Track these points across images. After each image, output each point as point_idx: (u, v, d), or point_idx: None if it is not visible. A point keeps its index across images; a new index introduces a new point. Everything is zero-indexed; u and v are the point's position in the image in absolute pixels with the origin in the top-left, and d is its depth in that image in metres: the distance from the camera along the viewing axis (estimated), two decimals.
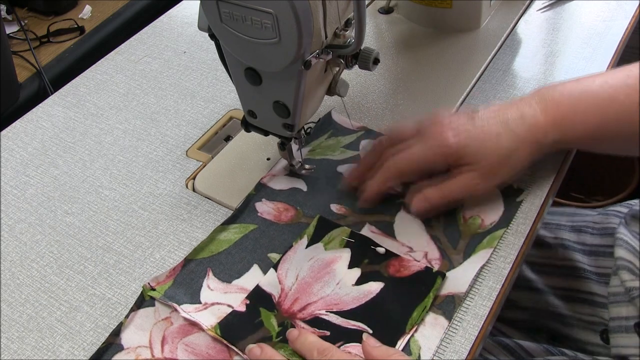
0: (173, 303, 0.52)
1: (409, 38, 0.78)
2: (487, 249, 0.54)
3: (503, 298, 0.52)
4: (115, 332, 0.52)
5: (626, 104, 0.54)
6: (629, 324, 0.62)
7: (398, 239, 0.56)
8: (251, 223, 0.59)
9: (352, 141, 0.65)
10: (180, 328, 0.51)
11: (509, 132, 0.55)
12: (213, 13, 0.47)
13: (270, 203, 0.60)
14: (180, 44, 0.82)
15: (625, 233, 0.65)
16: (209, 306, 0.52)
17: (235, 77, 0.54)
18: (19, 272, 0.58)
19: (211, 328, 0.50)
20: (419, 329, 0.50)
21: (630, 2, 0.78)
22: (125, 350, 0.50)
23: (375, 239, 0.56)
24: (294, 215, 0.59)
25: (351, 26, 0.50)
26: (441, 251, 0.55)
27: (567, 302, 0.74)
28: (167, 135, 0.69)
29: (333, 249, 0.55)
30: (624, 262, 0.63)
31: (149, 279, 0.54)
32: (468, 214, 0.57)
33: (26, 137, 0.71)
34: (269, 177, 0.62)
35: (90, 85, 0.77)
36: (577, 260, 0.74)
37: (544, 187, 0.59)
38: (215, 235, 0.58)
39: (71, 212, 0.62)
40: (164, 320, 0.52)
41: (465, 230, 0.56)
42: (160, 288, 0.54)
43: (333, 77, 0.55)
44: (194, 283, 0.54)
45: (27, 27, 1.18)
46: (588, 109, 0.55)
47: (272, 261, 0.55)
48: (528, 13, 0.80)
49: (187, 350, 0.50)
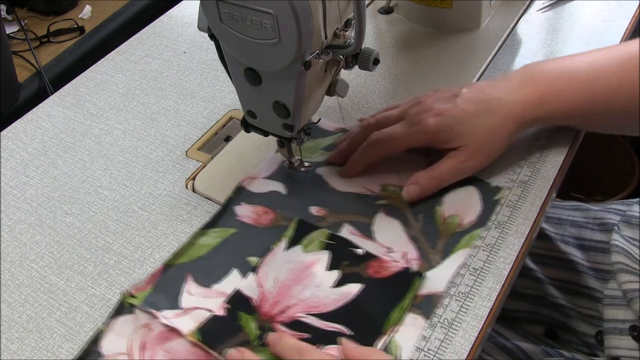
0: (152, 310, 0.52)
1: (409, 38, 0.78)
2: (465, 248, 0.55)
3: (503, 298, 0.52)
4: (94, 340, 0.51)
5: (602, 84, 0.57)
6: (625, 326, 0.63)
7: (377, 240, 0.56)
8: (231, 227, 0.58)
9: (331, 143, 0.66)
10: (159, 334, 0.51)
11: (488, 112, 0.57)
12: (213, 13, 0.47)
13: (250, 206, 0.60)
14: (180, 44, 0.82)
15: (619, 239, 0.66)
16: (189, 311, 0.52)
17: (235, 78, 0.54)
18: (18, 272, 0.57)
19: (191, 333, 0.50)
20: (399, 329, 0.50)
21: (630, 2, 0.78)
22: (105, 357, 0.50)
23: (355, 240, 0.56)
24: (274, 218, 0.59)
25: (351, 26, 0.50)
26: (420, 251, 0.55)
27: (566, 294, 0.74)
28: (167, 136, 0.69)
29: (312, 251, 0.55)
30: (621, 266, 0.64)
31: (128, 286, 0.54)
32: (447, 213, 0.58)
33: (26, 137, 0.71)
34: (248, 181, 0.62)
35: (90, 86, 0.77)
36: (575, 255, 0.74)
37: (544, 187, 0.59)
38: (194, 240, 0.57)
39: (71, 212, 0.62)
40: (143, 326, 0.52)
41: (444, 230, 0.56)
42: (140, 295, 0.54)
43: (333, 78, 0.55)
44: (174, 288, 0.54)
45: (27, 27, 1.18)
46: (566, 87, 0.57)
47: (251, 265, 0.55)
48: (528, 13, 0.80)
49: (167, 356, 0.49)
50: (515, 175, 0.60)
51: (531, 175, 0.60)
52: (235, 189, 0.61)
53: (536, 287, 0.76)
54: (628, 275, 0.63)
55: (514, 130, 0.58)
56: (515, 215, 0.57)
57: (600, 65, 0.57)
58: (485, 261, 0.54)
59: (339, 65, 0.53)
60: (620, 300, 0.64)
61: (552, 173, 0.60)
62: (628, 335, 0.62)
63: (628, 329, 0.62)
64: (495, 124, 0.57)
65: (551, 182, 0.59)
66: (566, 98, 0.57)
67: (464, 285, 0.52)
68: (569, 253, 0.74)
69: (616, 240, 0.66)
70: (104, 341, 0.51)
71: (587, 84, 0.57)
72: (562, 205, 0.80)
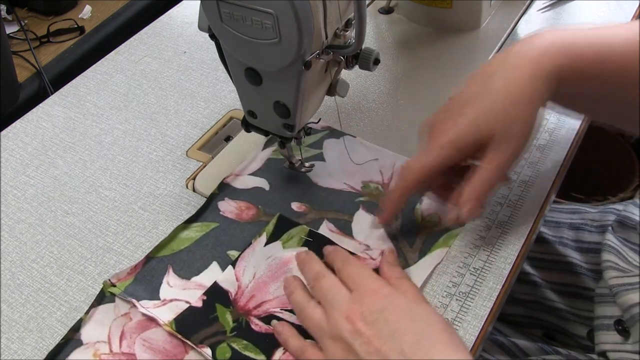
0: (132, 299, 0.53)
1: (409, 38, 0.78)
2: (442, 248, 0.55)
3: (503, 298, 0.52)
4: (75, 327, 0.52)
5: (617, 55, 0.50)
6: (611, 322, 0.63)
7: (355, 238, 0.57)
8: (213, 221, 0.59)
9: (316, 140, 0.66)
10: (138, 324, 0.52)
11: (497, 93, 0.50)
12: (213, 13, 0.47)
13: (233, 202, 0.61)
14: (180, 44, 0.82)
15: (612, 239, 0.66)
16: (167, 302, 0.53)
17: (236, 78, 0.54)
18: (19, 272, 0.57)
19: (167, 323, 0.51)
20: None
21: (630, 2, 0.78)
22: (85, 345, 0.51)
23: (333, 237, 0.57)
24: (255, 213, 0.60)
25: (351, 26, 0.50)
26: (398, 249, 0.55)
27: (564, 296, 0.74)
28: (167, 136, 0.69)
29: (291, 247, 0.56)
30: (610, 264, 0.64)
31: (109, 276, 0.55)
32: (427, 212, 0.58)
33: (26, 137, 0.71)
34: (232, 177, 0.63)
35: (90, 85, 0.77)
36: (573, 257, 0.74)
37: (544, 187, 0.59)
38: (176, 233, 0.58)
39: (71, 212, 0.62)
40: (123, 316, 0.53)
41: (423, 229, 0.57)
42: (121, 284, 0.55)
43: (333, 77, 0.55)
44: (154, 280, 0.55)
45: (27, 27, 1.18)
46: (592, 54, 0.50)
47: (231, 259, 0.56)
48: (528, 13, 0.80)
49: (145, 345, 0.51)
50: (515, 175, 0.60)
51: (531, 175, 0.60)
52: (219, 185, 0.62)
53: (533, 291, 0.76)
54: (615, 271, 0.63)
55: (540, 99, 0.50)
56: (515, 215, 0.57)
57: (619, 37, 0.50)
58: (485, 261, 0.54)
59: (339, 65, 0.53)
60: (609, 297, 0.64)
61: (552, 173, 0.60)
62: (613, 330, 0.62)
63: (613, 323, 0.62)
64: (505, 101, 0.49)
65: (551, 182, 0.60)
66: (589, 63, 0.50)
67: (465, 285, 0.52)
68: (567, 255, 0.74)
69: (609, 240, 0.66)
70: (84, 329, 0.52)
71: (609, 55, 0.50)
72: (559, 209, 0.80)
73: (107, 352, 0.50)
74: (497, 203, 0.58)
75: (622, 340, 0.61)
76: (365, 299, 0.46)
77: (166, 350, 0.50)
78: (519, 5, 0.80)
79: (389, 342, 0.43)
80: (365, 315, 0.45)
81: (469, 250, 0.55)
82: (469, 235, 0.56)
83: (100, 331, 0.52)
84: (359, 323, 0.45)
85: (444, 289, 0.52)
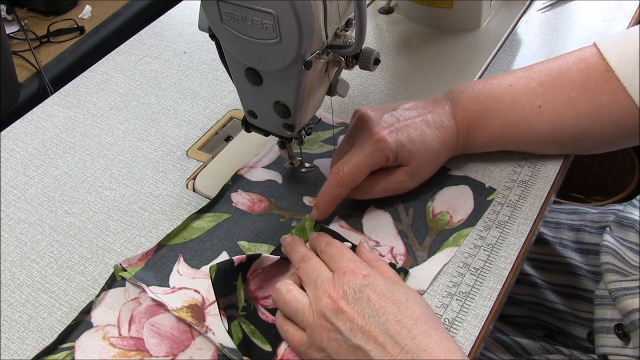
0: (142, 284, 0.54)
1: (409, 38, 0.78)
2: (452, 247, 0.55)
3: (504, 298, 0.52)
4: (85, 310, 0.53)
5: (526, 108, 0.56)
6: (611, 325, 0.63)
7: (365, 233, 0.57)
8: (225, 212, 0.60)
9: (331, 136, 0.67)
10: (147, 308, 0.53)
11: (433, 135, 0.56)
12: (213, 13, 0.47)
13: (246, 194, 0.61)
14: (180, 44, 0.82)
15: (610, 240, 0.66)
16: (176, 290, 0.54)
17: (236, 77, 0.54)
18: (19, 272, 0.57)
19: (211, 268, 0.50)
20: None
21: (630, 2, 0.78)
22: (94, 328, 0.52)
23: (343, 233, 0.57)
24: (267, 206, 0.60)
25: (352, 26, 0.50)
26: (407, 247, 0.56)
27: (564, 298, 0.74)
28: (168, 136, 0.69)
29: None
30: (608, 266, 0.64)
31: (120, 260, 0.56)
32: (437, 210, 0.58)
33: (26, 137, 0.71)
34: (246, 169, 0.64)
35: (90, 85, 0.77)
36: (573, 258, 0.74)
37: (545, 187, 0.59)
38: (189, 223, 0.59)
39: (71, 212, 0.62)
40: (133, 300, 0.54)
41: (433, 226, 0.57)
42: (132, 269, 0.55)
43: (333, 78, 0.55)
44: (165, 267, 0.56)
45: (27, 27, 1.18)
46: (492, 114, 0.57)
47: (241, 249, 0.57)
48: (528, 13, 0.80)
49: (153, 330, 0.51)
50: (515, 175, 0.60)
51: (531, 175, 0.60)
52: (233, 177, 0.63)
53: (533, 293, 0.76)
54: (614, 275, 0.63)
55: (450, 154, 0.58)
56: (515, 215, 0.57)
57: (522, 87, 0.57)
58: (485, 261, 0.54)
59: (339, 65, 0.53)
60: (609, 300, 0.64)
61: (552, 173, 0.60)
62: (613, 333, 0.62)
63: (613, 327, 0.63)
64: (440, 149, 0.56)
65: (551, 182, 0.60)
66: (491, 125, 0.57)
67: (465, 285, 0.53)
68: (568, 257, 0.74)
69: (607, 241, 0.66)
70: (95, 312, 0.53)
71: (510, 107, 0.56)
72: (559, 209, 0.80)
73: (116, 335, 0.51)
74: (497, 203, 0.58)
75: (623, 344, 0.61)
76: (345, 278, 0.47)
77: (173, 336, 0.51)
78: (519, 5, 0.80)
79: (372, 320, 0.45)
80: (347, 294, 0.46)
81: (469, 250, 0.55)
82: (469, 235, 0.56)
83: (110, 315, 0.53)
84: (341, 302, 0.46)
85: (444, 289, 0.53)
